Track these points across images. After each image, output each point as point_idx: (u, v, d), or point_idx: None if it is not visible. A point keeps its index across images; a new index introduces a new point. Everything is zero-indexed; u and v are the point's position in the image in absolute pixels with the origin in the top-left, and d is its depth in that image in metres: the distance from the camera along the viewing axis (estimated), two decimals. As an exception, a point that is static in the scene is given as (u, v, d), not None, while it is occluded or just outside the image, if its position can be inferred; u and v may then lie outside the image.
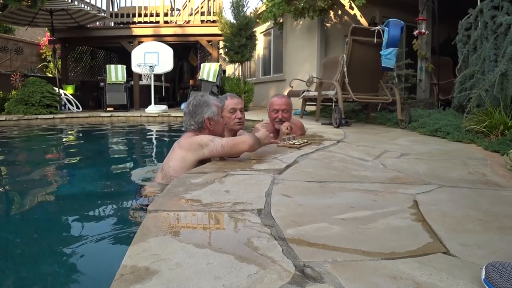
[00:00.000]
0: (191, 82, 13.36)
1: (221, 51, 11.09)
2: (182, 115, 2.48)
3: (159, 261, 0.91)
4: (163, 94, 12.58)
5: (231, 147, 2.13)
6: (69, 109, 9.35)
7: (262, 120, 4.08)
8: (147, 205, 1.70)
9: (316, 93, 5.65)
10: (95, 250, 1.67)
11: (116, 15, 11.36)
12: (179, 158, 2.20)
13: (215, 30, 10.37)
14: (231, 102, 2.91)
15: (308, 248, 1.03)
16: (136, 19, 11.18)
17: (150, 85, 9.67)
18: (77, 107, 9.54)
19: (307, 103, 6.36)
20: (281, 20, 9.93)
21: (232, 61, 9.94)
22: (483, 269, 0.87)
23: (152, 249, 0.97)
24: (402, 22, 4.73)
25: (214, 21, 10.67)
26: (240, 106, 2.94)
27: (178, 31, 11.07)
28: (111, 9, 11.41)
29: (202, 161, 2.21)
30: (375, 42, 4.78)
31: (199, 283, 0.81)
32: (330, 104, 5.65)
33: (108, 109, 9.53)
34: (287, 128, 3.11)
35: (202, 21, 11.07)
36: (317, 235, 1.13)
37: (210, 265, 0.90)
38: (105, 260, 1.54)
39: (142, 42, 10.59)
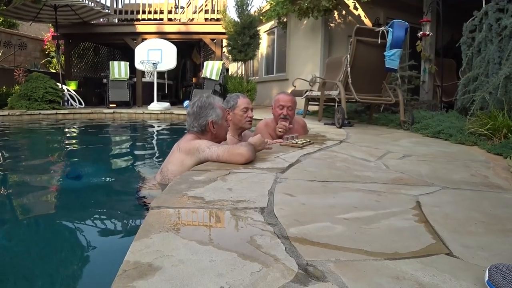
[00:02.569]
0: (194, 80, 13.35)
1: (224, 49, 11.09)
2: (185, 112, 2.47)
3: (162, 258, 0.91)
4: (166, 92, 12.58)
5: (227, 158, 2.09)
6: (71, 105, 9.37)
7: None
8: (150, 202, 1.71)
9: (319, 93, 5.65)
10: (98, 245, 1.67)
11: (120, 12, 11.37)
12: (177, 162, 2.19)
13: (219, 28, 10.37)
14: (243, 101, 3.00)
15: (311, 247, 1.03)
16: (140, 16, 11.18)
17: (153, 82, 9.67)
18: (80, 103, 9.56)
19: (310, 103, 6.35)
20: (285, 20, 9.92)
21: (235, 60, 9.94)
22: (487, 271, 0.87)
23: (155, 246, 0.98)
24: (407, 23, 4.72)
25: (218, 19, 10.67)
26: (251, 106, 3.04)
27: (182, 28, 11.07)
28: (115, 6, 11.42)
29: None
30: (379, 43, 4.77)
31: (202, 280, 0.81)
32: (333, 104, 5.64)
33: (110, 105, 9.53)
34: (280, 130, 3.12)
35: (206, 19, 11.07)
36: (320, 234, 1.13)
37: (213, 262, 0.90)
38: (108, 256, 1.54)
39: (145, 39, 10.60)
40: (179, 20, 11.33)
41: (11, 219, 2.08)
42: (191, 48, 14.13)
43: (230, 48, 9.76)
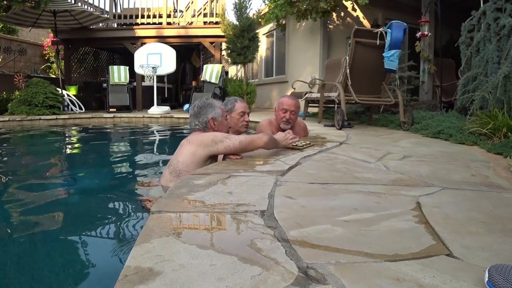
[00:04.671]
0: (193, 83, 13.37)
1: (223, 52, 11.11)
2: (185, 116, 2.53)
3: (163, 262, 0.91)
4: (166, 95, 12.60)
5: (248, 142, 2.29)
6: (72, 110, 9.38)
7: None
8: (150, 206, 1.71)
9: (318, 95, 5.65)
10: (99, 250, 1.67)
11: (119, 16, 11.40)
12: (188, 153, 2.22)
13: (218, 31, 10.39)
14: (241, 105, 3.05)
15: (311, 249, 1.03)
16: (139, 21, 11.20)
17: (152, 86, 9.69)
18: (80, 108, 9.57)
19: (310, 104, 6.36)
20: (283, 22, 9.94)
21: (234, 63, 9.96)
22: (486, 272, 0.87)
23: (156, 250, 0.98)
24: (405, 24, 4.73)
25: (217, 23, 10.69)
26: (248, 110, 3.10)
27: (181, 32, 11.09)
28: (114, 10, 11.44)
29: (212, 157, 2.24)
30: (377, 44, 4.78)
31: (203, 284, 0.81)
32: (333, 106, 5.65)
33: (110, 110, 9.55)
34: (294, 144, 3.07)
35: (204, 23, 11.09)
36: (320, 236, 1.13)
37: (213, 266, 0.90)
38: (109, 261, 1.54)
39: (145, 43, 10.62)
40: (178, 24, 11.35)
41: (10, 224, 2.08)
42: (190, 52, 14.15)
43: (229, 51, 9.78)
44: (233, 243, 1.06)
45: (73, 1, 10.17)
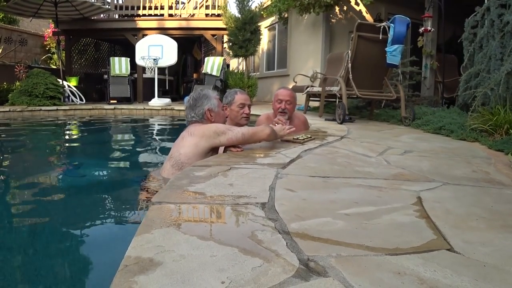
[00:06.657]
0: (194, 75, 13.34)
1: (225, 45, 11.06)
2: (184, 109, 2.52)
3: (163, 253, 0.91)
4: (167, 88, 12.57)
5: (251, 135, 2.30)
6: (72, 101, 9.36)
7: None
8: (151, 197, 1.71)
9: (320, 89, 5.63)
10: (99, 241, 1.67)
11: (121, 8, 11.34)
12: (191, 144, 2.20)
13: (220, 24, 10.34)
14: (240, 97, 2.99)
15: (312, 242, 1.03)
16: (140, 12, 11.15)
17: (153, 78, 9.66)
18: (81, 99, 9.55)
19: (311, 98, 6.34)
20: (285, 15, 9.88)
21: (236, 56, 9.92)
22: None
23: (156, 241, 0.98)
24: (408, 18, 4.70)
25: (218, 15, 10.64)
26: (248, 102, 3.03)
27: (183, 24, 11.04)
28: (115, 1, 11.38)
29: (213, 149, 2.23)
30: (380, 38, 4.75)
31: (203, 275, 0.81)
32: (334, 100, 5.63)
33: (111, 101, 9.53)
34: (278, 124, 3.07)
35: (206, 15, 11.04)
36: (321, 229, 1.13)
37: (214, 257, 0.90)
38: (109, 251, 1.54)
39: (146, 35, 10.57)
40: (180, 15, 11.30)
41: (11, 214, 2.08)
42: (192, 44, 14.10)
43: (231, 43, 9.74)
44: (233, 234, 1.05)
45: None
